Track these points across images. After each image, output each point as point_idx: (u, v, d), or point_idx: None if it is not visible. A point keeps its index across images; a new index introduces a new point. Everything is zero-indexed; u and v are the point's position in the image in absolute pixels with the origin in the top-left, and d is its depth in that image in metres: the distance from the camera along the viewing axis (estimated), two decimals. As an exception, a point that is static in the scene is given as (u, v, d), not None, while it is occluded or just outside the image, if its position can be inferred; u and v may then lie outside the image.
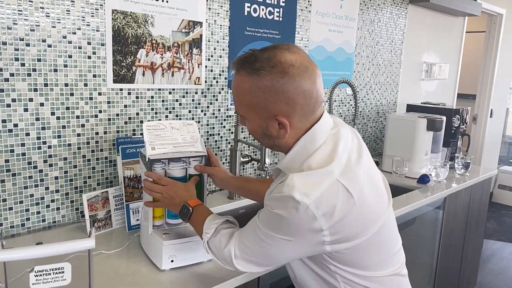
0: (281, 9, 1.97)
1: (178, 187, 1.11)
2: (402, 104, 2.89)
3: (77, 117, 1.39)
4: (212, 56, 1.74)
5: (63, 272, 0.77)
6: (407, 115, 2.42)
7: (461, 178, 2.28)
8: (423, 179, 2.10)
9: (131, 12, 1.46)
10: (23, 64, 1.25)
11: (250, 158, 1.81)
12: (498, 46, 3.98)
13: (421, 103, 2.78)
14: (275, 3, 1.94)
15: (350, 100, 2.48)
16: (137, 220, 1.38)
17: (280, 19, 1.98)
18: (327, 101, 2.28)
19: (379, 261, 0.96)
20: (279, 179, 0.95)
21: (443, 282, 2.32)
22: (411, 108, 2.69)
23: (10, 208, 1.29)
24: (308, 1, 2.10)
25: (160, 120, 1.61)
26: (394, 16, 2.68)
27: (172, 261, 1.11)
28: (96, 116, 1.43)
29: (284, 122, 0.89)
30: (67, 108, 1.36)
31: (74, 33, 1.34)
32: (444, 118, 2.30)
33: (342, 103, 2.43)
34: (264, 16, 1.91)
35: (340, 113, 2.43)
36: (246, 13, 1.84)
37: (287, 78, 0.85)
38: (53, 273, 0.77)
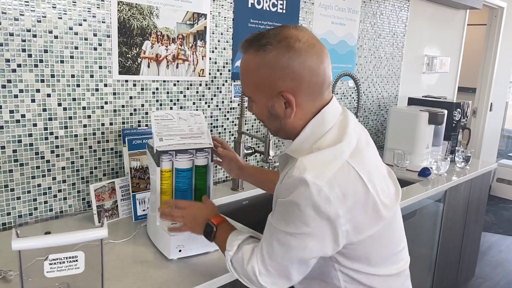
0: (285, 1, 1.97)
1: (197, 207, 1.09)
2: (403, 97, 2.90)
3: (83, 108, 1.40)
4: (216, 48, 1.75)
5: (76, 260, 0.79)
6: (408, 108, 2.43)
7: (461, 172, 2.30)
8: (424, 172, 2.12)
9: (136, 3, 1.46)
10: (30, 55, 1.26)
11: (253, 150, 1.82)
12: (498, 40, 3.98)
13: (422, 96, 2.79)
14: (279, -5, 1.94)
15: (352, 93, 2.49)
16: (144, 210, 1.40)
17: (284, 11, 1.98)
18: (329, 94, 2.29)
19: (386, 257, 0.94)
20: (287, 167, 0.92)
21: (442, 274, 2.35)
22: (412, 101, 2.71)
23: (18, 198, 1.30)
24: (312, -6, 2.10)
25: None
26: (396, 8, 2.68)
27: (180, 250, 1.13)
28: (102, 107, 1.44)
29: (290, 99, 0.87)
30: (74, 99, 1.37)
31: (80, 25, 1.35)
32: (446, 111, 2.31)
33: (344, 96, 2.44)
34: (267, 8, 1.91)
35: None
36: (250, 5, 1.84)
37: (293, 52, 0.84)
38: (67, 261, 0.78)
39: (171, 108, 1.64)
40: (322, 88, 0.89)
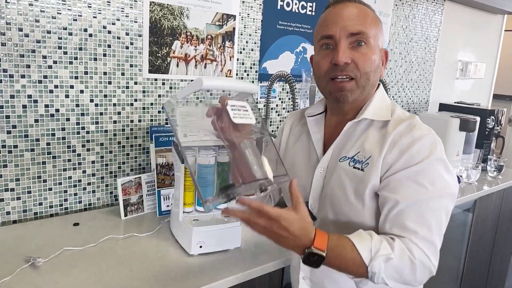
0: (314, 3, 1.97)
1: (289, 223, 0.76)
2: (435, 102, 2.83)
3: (114, 104, 1.44)
4: (244, 49, 1.76)
5: (247, 110, 0.83)
6: (439, 114, 2.37)
7: (493, 181, 2.22)
8: (453, 180, 2.05)
9: (168, 4, 1.50)
10: (65, 52, 1.31)
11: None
12: (539, 46, 3.82)
13: (455, 102, 2.72)
14: (309, -3, 1.94)
15: (381, 97, 2.45)
16: (168, 206, 1.43)
17: (313, 13, 1.98)
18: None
19: None
20: (370, 131, 0.92)
21: (469, 287, 2.27)
22: (443, 107, 2.64)
23: (50, 189, 1.36)
24: (342, -4, 2.08)
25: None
26: (430, 12, 2.62)
27: (200, 246, 1.14)
28: (131, 104, 1.48)
29: (387, 55, 0.96)
30: (105, 96, 1.42)
31: (114, 24, 1.39)
32: (478, 118, 2.24)
33: (372, 100, 2.41)
34: (296, 10, 1.91)
35: (370, 110, 2.41)
36: (279, 7, 1.85)
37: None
38: (242, 110, 0.82)
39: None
40: None
